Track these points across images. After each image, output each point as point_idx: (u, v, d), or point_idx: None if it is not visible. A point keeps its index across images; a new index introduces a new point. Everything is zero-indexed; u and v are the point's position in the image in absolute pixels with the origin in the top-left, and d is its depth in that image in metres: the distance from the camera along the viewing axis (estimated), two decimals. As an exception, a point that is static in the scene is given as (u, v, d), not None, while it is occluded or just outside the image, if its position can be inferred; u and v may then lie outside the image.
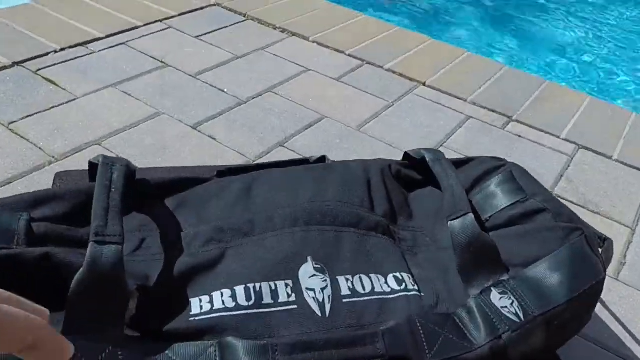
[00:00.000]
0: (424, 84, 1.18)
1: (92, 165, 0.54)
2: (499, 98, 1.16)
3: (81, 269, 0.41)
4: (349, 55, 1.27)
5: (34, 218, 0.47)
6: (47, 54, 1.11)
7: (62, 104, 0.96)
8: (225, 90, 1.07)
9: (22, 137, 0.87)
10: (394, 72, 1.22)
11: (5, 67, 1.05)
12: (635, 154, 1.04)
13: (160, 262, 0.48)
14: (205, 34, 1.28)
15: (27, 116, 0.92)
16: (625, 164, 1.01)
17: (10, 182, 0.78)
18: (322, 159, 0.68)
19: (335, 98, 1.09)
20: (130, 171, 0.53)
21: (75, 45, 1.15)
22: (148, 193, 0.56)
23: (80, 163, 0.82)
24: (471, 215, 0.54)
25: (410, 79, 1.20)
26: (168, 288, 0.46)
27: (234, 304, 0.45)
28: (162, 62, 1.14)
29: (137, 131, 0.92)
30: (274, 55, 1.23)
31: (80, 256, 0.44)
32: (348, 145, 0.95)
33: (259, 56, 1.21)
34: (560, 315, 0.50)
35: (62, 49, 1.13)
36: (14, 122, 0.90)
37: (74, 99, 0.98)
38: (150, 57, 1.15)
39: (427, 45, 1.37)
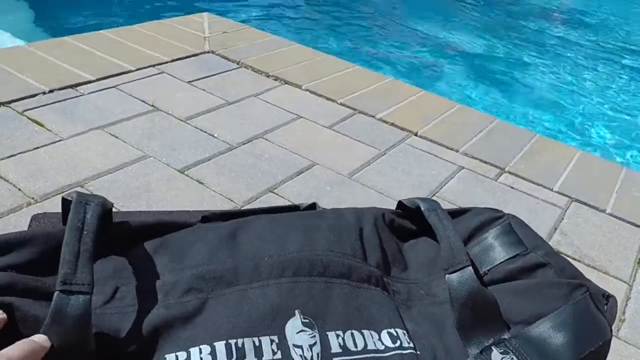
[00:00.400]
0: (415, 134, 1.19)
1: (65, 202, 0.52)
2: (491, 149, 1.16)
3: (46, 321, 0.39)
4: (341, 104, 1.27)
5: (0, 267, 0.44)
6: (35, 95, 1.10)
7: (47, 144, 0.95)
8: (216, 135, 1.06)
9: (1, 177, 0.85)
10: (386, 122, 1.22)
11: (-9, 107, 1.04)
12: (627, 208, 1.03)
13: (134, 314, 0.45)
14: (198, 79, 1.29)
15: (9, 156, 0.90)
16: (619, 218, 1.00)
17: (-14, 223, 0.75)
18: (313, 206, 0.66)
19: (327, 145, 1.09)
20: (105, 210, 0.50)
21: (65, 87, 1.15)
22: (126, 236, 0.53)
23: (60, 205, 0.80)
24: (470, 269, 0.52)
25: (402, 129, 1.20)
26: (142, 343, 0.43)
27: None
28: (152, 105, 1.13)
29: (122, 173, 0.90)
30: (266, 102, 1.23)
31: (46, 309, 0.41)
32: (339, 193, 0.94)
33: (250, 102, 1.22)
34: None
35: (51, 91, 1.13)
36: (-4, 162, 0.88)
37: (60, 140, 0.97)
38: (141, 100, 1.15)
39: (419, 96, 1.38)
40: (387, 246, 0.58)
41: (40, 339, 0.39)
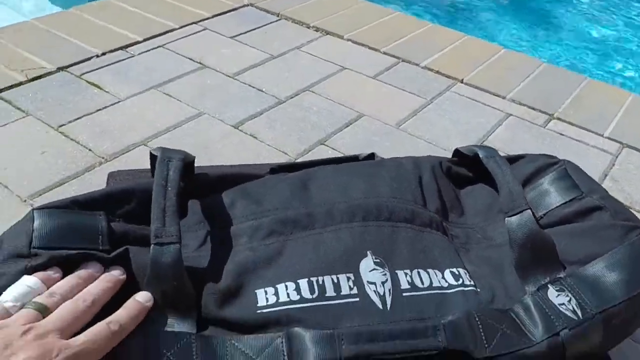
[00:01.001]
0: (461, 81, 1.20)
1: (153, 157, 0.58)
2: (539, 95, 1.17)
3: (148, 270, 0.45)
4: (384, 53, 1.29)
5: (111, 218, 0.50)
6: (89, 58, 1.16)
7: (107, 106, 1.01)
8: (264, 89, 1.10)
9: (72, 139, 0.92)
10: (431, 70, 1.24)
11: (51, 73, 1.10)
12: (681, 150, 1.04)
13: (224, 255, 0.51)
14: (240, 34, 1.32)
15: (75, 119, 0.97)
16: (672, 161, 1.01)
17: (64, 183, 0.82)
18: (371, 156, 0.70)
19: (373, 96, 1.12)
20: (187, 163, 0.56)
21: (116, 49, 1.21)
22: (208, 186, 0.59)
23: (128, 163, 0.87)
24: (529, 212, 0.55)
25: (447, 77, 1.22)
26: (234, 281, 0.49)
27: (298, 296, 0.47)
28: (200, 63, 1.18)
29: (180, 131, 0.96)
30: (309, 54, 1.26)
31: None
32: (388, 143, 0.98)
33: (294, 55, 1.25)
34: (619, 314, 0.51)
35: (104, 53, 1.19)
36: (63, 125, 0.95)
37: (118, 101, 1.03)
38: (188, 58, 1.20)
39: (462, 42, 1.39)
40: (445, 193, 0.63)
41: (144, 298, 0.45)
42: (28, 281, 0.43)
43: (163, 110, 1.01)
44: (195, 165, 0.87)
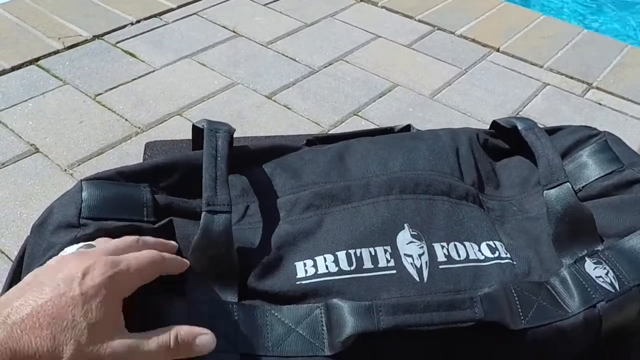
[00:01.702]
0: (497, 50, 1.17)
1: (196, 130, 0.57)
2: (578, 64, 1.13)
3: (196, 237, 0.45)
4: (419, 21, 1.26)
5: (155, 190, 0.50)
6: (124, 26, 1.16)
7: (143, 75, 1.01)
8: (297, 59, 1.09)
9: (109, 108, 0.93)
10: (466, 38, 1.20)
11: (87, 41, 1.11)
12: None
13: (263, 229, 0.51)
14: (274, 1, 1.30)
15: (111, 88, 0.97)
16: None
17: (102, 153, 0.84)
18: (407, 127, 0.69)
19: (407, 65, 1.10)
20: (231, 137, 0.56)
21: (150, 17, 1.20)
22: (247, 159, 0.59)
23: (164, 133, 0.88)
24: (568, 184, 0.54)
25: (483, 45, 1.18)
26: (273, 253, 0.49)
27: (336, 268, 0.47)
28: (233, 31, 1.17)
29: (214, 101, 0.96)
30: (343, 22, 1.24)
31: (195, 227, 0.47)
32: (422, 114, 0.97)
33: (328, 23, 1.23)
34: None
35: (138, 21, 1.18)
36: (100, 94, 0.96)
37: (153, 71, 1.03)
38: (222, 26, 1.18)
39: (500, 8, 1.34)
40: (481, 166, 0.61)
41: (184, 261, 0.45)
42: (79, 245, 0.43)
43: (197, 80, 1.01)
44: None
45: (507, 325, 0.45)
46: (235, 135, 0.90)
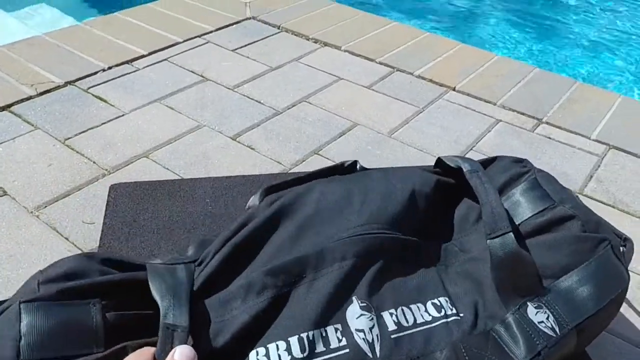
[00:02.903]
0: (453, 89, 1.21)
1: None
2: (529, 101, 1.18)
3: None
4: (380, 63, 1.30)
5: (104, 304, 0.45)
6: (95, 72, 1.19)
7: (112, 119, 1.03)
8: (262, 101, 1.12)
9: (77, 152, 0.94)
10: (424, 78, 1.24)
11: (59, 87, 1.12)
12: (667, 152, 1.04)
13: (220, 318, 0.48)
14: (242, 47, 1.34)
15: (81, 132, 0.99)
16: (657, 164, 1.01)
17: (69, 195, 0.84)
18: (354, 164, 0.70)
19: (367, 105, 1.13)
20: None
21: (121, 64, 1.23)
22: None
23: (131, 175, 0.89)
24: (512, 234, 0.54)
25: (440, 85, 1.22)
26: (232, 345, 0.47)
27: (289, 357, 0.45)
28: (201, 76, 1.20)
29: (180, 143, 0.98)
30: (307, 65, 1.27)
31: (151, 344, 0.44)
32: (380, 152, 0.99)
33: (293, 67, 1.26)
34: (591, 324, 0.52)
35: (110, 67, 1.21)
36: (69, 138, 0.97)
37: (123, 115, 1.05)
38: (191, 71, 1.21)
39: (456, 50, 1.39)
40: (427, 213, 0.61)
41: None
42: None
43: (165, 123, 1.03)
44: (195, 177, 0.89)
45: None
46: (199, 176, 0.91)
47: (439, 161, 0.68)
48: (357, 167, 0.71)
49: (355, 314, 0.49)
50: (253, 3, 1.58)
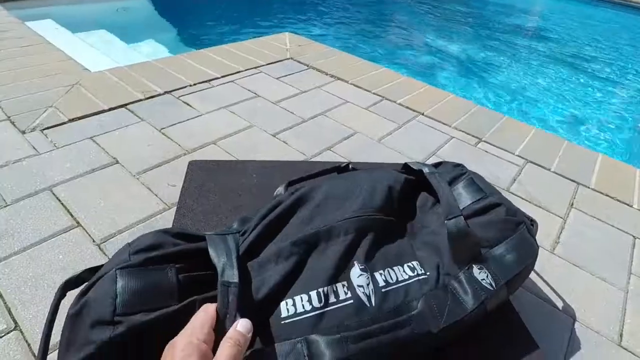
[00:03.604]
0: (422, 114, 1.14)
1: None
2: (473, 125, 1.11)
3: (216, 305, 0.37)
4: (374, 93, 1.23)
5: (178, 268, 0.40)
6: (184, 87, 1.13)
7: (193, 118, 0.98)
8: (294, 112, 1.06)
9: (168, 137, 0.88)
10: (403, 105, 1.18)
11: (160, 94, 1.07)
12: (566, 168, 0.97)
13: (258, 277, 0.43)
14: (283, 76, 1.27)
15: (172, 125, 0.93)
16: (560, 175, 0.94)
17: (160, 166, 0.79)
18: (347, 166, 0.65)
19: (364, 121, 1.07)
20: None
21: (202, 82, 1.17)
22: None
23: (203, 155, 0.83)
24: (462, 218, 0.50)
25: (414, 110, 1.16)
26: (268, 297, 0.42)
27: (310, 306, 0.41)
28: (255, 93, 1.14)
29: (238, 136, 0.92)
30: (326, 91, 1.21)
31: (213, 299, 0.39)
32: (372, 151, 0.93)
33: (316, 92, 1.20)
34: (515, 279, 0.49)
35: (194, 84, 1.15)
36: (164, 128, 0.92)
37: (201, 115, 0.99)
38: (248, 90, 1.15)
39: (425, 89, 1.32)
40: (401, 201, 0.56)
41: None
42: None
43: (228, 123, 0.97)
44: (247, 159, 0.84)
45: (432, 331, 0.42)
46: (250, 159, 0.84)
47: (405, 165, 0.63)
48: (350, 167, 0.65)
49: (357, 274, 0.45)
50: (291, 49, 1.51)
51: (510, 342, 0.51)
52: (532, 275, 0.64)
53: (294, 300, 0.41)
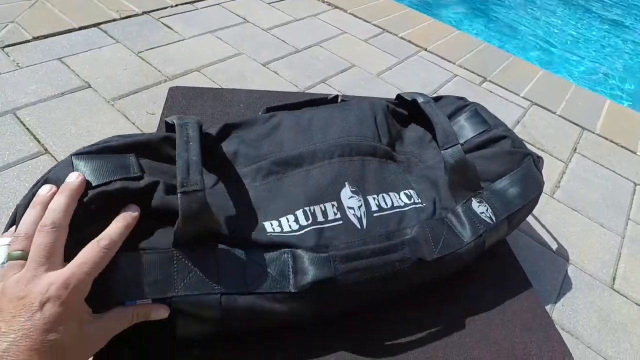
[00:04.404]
0: (425, 49, 1.06)
1: (169, 125, 0.42)
2: (478, 64, 1.04)
3: (179, 217, 0.33)
4: (374, 25, 1.13)
5: (140, 157, 0.37)
6: (165, 7, 1.01)
7: (175, 42, 0.88)
8: (287, 41, 0.97)
9: (147, 62, 0.80)
10: (405, 39, 1.09)
11: (137, 15, 0.96)
12: (572, 112, 0.92)
13: (235, 194, 0.40)
14: (275, 1, 1.15)
15: (151, 48, 0.84)
16: (565, 119, 0.90)
17: (138, 92, 0.72)
18: (336, 97, 0.58)
19: (363, 53, 0.98)
20: (200, 126, 0.40)
21: (185, 3, 1.05)
22: (220, 138, 0.46)
23: (185, 82, 0.76)
24: (459, 146, 0.47)
25: (416, 45, 1.07)
26: (244, 214, 0.38)
27: (297, 225, 0.38)
28: (244, 19, 1.03)
29: (225, 64, 0.84)
30: (322, 20, 1.10)
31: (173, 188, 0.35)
32: (369, 86, 0.86)
33: (311, 20, 1.09)
34: (517, 214, 0.47)
35: (176, 5, 1.03)
36: (142, 51, 0.83)
37: (183, 39, 0.90)
38: (236, 14, 1.04)
39: (429, 23, 1.21)
40: (392, 129, 0.52)
41: (131, 209, 0.32)
42: (2, 241, 0.29)
43: (214, 49, 0.88)
44: (233, 87, 0.77)
45: (425, 259, 0.39)
46: (236, 87, 0.77)
47: (399, 96, 0.57)
48: (339, 100, 0.59)
49: (347, 195, 0.41)
50: (286, -29, 1.36)
51: (504, 279, 0.50)
52: (529, 218, 0.62)
53: (279, 222, 0.38)
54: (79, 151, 0.35)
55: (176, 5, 1.03)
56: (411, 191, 0.45)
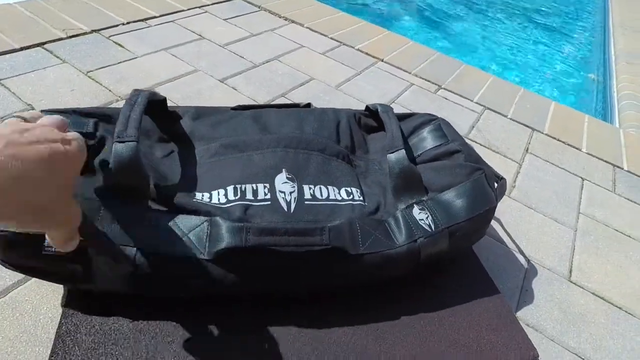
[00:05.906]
0: (382, 60, 1.09)
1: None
2: (433, 72, 1.08)
3: (111, 163, 0.35)
4: (331, 38, 1.16)
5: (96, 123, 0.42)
6: (116, 25, 0.98)
7: (127, 60, 0.86)
8: (244, 57, 0.96)
9: (97, 81, 0.77)
10: (362, 51, 1.12)
11: (86, 33, 0.92)
12: (522, 114, 0.98)
13: (181, 166, 0.43)
14: (231, 17, 1.15)
15: (101, 67, 0.81)
16: (516, 121, 0.95)
17: (88, 113, 0.69)
18: (308, 105, 0.60)
19: (321, 66, 1.00)
20: (158, 99, 0.45)
21: (137, 21, 1.02)
22: (177, 117, 0.48)
23: (138, 101, 0.74)
24: (403, 151, 0.48)
25: (373, 57, 1.10)
26: (182, 182, 0.41)
27: (225, 199, 0.39)
28: (199, 35, 1.02)
29: (180, 82, 0.83)
30: (279, 35, 1.11)
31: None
32: (329, 99, 0.88)
33: (268, 35, 1.10)
34: (461, 229, 0.46)
35: (128, 23, 1.00)
36: (91, 71, 0.80)
37: (135, 57, 0.87)
38: (191, 31, 1.03)
39: (385, 35, 1.26)
40: (355, 135, 0.54)
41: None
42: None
43: (169, 67, 0.87)
44: (189, 105, 0.75)
45: (347, 250, 0.38)
46: (193, 105, 0.76)
47: (367, 107, 0.60)
48: (311, 107, 0.60)
49: (282, 180, 0.42)
50: (241, -12, 1.37)
51: (468, 282, 0.51)
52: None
53: (210, 194, 0.40)
54: (49, 109, 0.39)
55: (128, 23, 1.00)
56: (354, 189, 0.46)
